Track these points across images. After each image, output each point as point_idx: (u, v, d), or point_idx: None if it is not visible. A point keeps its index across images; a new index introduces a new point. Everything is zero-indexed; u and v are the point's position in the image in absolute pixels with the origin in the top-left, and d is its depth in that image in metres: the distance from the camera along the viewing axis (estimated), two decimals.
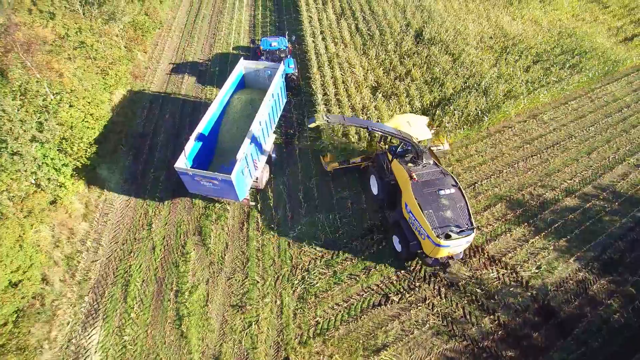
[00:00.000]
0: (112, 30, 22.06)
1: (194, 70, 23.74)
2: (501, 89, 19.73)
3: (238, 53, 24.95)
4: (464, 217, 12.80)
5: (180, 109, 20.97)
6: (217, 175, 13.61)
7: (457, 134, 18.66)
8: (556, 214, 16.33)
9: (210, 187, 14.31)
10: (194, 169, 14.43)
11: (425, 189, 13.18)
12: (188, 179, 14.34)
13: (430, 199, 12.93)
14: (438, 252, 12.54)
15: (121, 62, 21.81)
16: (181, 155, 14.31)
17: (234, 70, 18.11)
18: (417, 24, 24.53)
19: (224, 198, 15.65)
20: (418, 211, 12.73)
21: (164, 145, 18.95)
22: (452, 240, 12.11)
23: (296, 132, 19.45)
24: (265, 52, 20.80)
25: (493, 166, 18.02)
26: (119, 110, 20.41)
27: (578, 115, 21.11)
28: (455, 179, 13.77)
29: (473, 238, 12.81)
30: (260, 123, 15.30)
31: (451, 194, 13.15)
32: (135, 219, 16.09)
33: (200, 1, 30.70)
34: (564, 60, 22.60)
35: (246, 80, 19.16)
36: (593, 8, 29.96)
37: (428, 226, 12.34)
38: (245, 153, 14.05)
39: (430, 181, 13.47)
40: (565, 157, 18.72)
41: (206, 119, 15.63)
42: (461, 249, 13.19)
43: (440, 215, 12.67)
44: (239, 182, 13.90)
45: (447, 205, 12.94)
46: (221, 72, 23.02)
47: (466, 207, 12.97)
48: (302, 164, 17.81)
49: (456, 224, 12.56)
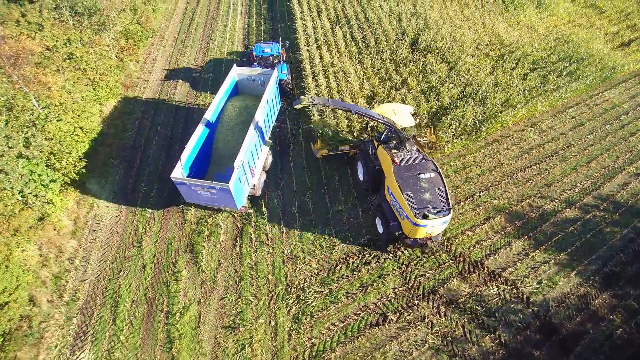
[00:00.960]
0: (102, 40, 21.69)
1: (187, 78, 23.39)
2: (498, 98, 19.45)
3: (233, 58, 24.68)
4: (442, 199, 13.46)
5: (172, 120, 20.58)
6: (214, 184, 13.45)
7: (454, 144, 18.34)
8: (556, 226, 16.01)
9: (207, 197, 14.14)
10: (190, 178, 14.23)
11: (406, 173, 13.87)
12: (185, 189, 14.15)
13: (411, 182, 13.65)
14: (416, 232, 13.13)
15: (112, 73, 21.43)
16: (177, 165, 14.07)
17: (227, 77, 17.96)
18: (412, 31, 24.28)
19: (221, 207, 15.40)
20: (398, 193, 13.40)
21: (156, 158, 18.53)
22: (429, 220, 12.75)
23: (291, 143, 19.08)
24: (258, 58, 20.69)
25: (491, 177, 17.71)
26: (109, 122, 20.03)
27: (576, 123, 20.86)
28: (435, 164, 14.32)
29: (450, 219, 13.34)
30: (256, 130, 15.19)
31: (431, 177, 13.81)
32: (125, 235, 15.64)
33: (194, 9, 30.40)
34: (561, 68, 22.38)
35: (239, 87, 19.05)
36: (589, 13, 29.84)
37: (407, 206, 12.96)
38: (242, 161, 13.87)
39: (412, 165, 14.13)
40: (564, 167, 18.43)
41: (201, 127, 15.47)
42: (439, 230, 13.66)
43: (419, 196, 13.34)
44: (237, 191, 13.78)
45: (426, 187, 13.61)
46: (214, 80, 22.67)
47: (444, 190, 13.63)
48: (297, 176, 17.44)
49: (434, 205, 13.20)
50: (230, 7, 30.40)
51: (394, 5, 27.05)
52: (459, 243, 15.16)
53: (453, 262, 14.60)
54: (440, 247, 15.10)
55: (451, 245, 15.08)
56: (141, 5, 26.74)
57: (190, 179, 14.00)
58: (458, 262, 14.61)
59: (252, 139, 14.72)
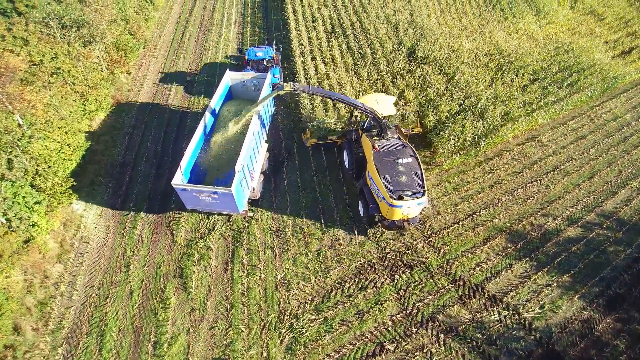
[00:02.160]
0: (92, 52, 21.14)
1: (179, 90, 22.87)
2: (498, 111, 18.95)
3: (228, 62, 24.18)
4: (418, 182, 14.15)
5: (163, 134, 20.03)
6: (217, 189, 13.43)
7: (453, 160, 17.84)
8: (559, 245, 15.50)
9: (209, 202, 14.12)
10: (191, 184, 14.23)
11: (385, 158, 14.55)
12: (186, 195, 14.11)
13: (389, 166, 14.34)
14: (393, 213, 13.83)
15: (102, 86, 20.88)
16: (177, 172, 14.03)
17: (221, 82, 17.96)
18: (409, 41, 23.79)
19: (223, 212, 15.33)
20: (376, 176, 14.13)
21: (145, 175, 17.98)
22: (404, 201, 13.50)
23: (285, 159, 18.54)
24: (250, 61, 20.68)
25: (491, 194, 17.19)
26: (98, 138, 19.50)
27: (578, 135, 20.38)
28: (414, 150, 15.07)
29: (425, 202, 14.06)
30: (254, 133, 15.24)
31: (408, 162, 14.49)
32: (113, 259, 15.08)
33: (187, 18, 29.88)
34: (561, 79, 21.91)
35: (233, 92, 19.10)
36: (588, 20, 29.42)
37: (384, 189, 13.73)
38: (242, 164, 13.90)
39: (391, 151, 14.81)
40: (566, 183, 17.93)
41: (198, 133, 15.47)
42: (415, 213, 14.30)
43: (395, 179, 14.05)
44: (239, 194, 13.86)
45: (403, 171, 14.29)
46: (207, 92, 22.16)
47: (420, 174, 14.30)
48: (291, 195, 16.90)
49: (410, 188, 13.92)
50: (225, 16, 29.89)
51: (390, 15, 26.57)
52: (459, 266, 14.63)
53: (453, 286, 14.07)
54: (419, 228, 15.69)
55: (451, 267, 14.55)
56: (133, 15, 26.22)
57: (192, 185, 13.97)
58: (458, 286, 14.08)
59: (250, 143, 14.76)
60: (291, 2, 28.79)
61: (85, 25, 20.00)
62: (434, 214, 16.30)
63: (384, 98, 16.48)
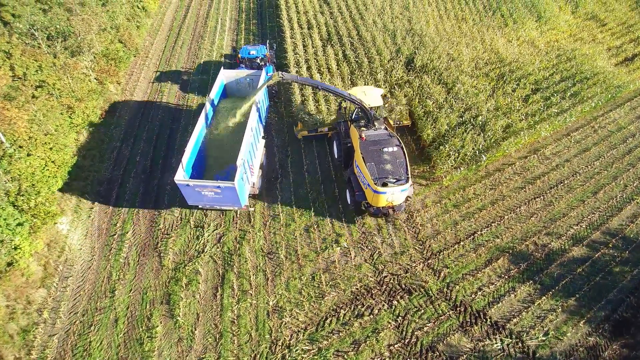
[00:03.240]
0: (80, 63, 20.43)
1: (171, 99, 22.19)
2: (500, 124, 18.30)
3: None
4: (402, 170, 14.59)
5: (152, 149, 19.34)
6: (219, 184, 13.57)
7: (453, 176, 17.19)
8: (563, 267, 14.86)
9: (211, 197, 14.21)
10: (194, 179, 14.36)
11: (371, 147, 15.06)
12: (188, 190, 14.11)
13: (374, 155, 14.83)
14: (377, 199, 14.20)
15: (90, 98, 20.17)
16: (179, 168, 14.08)
17: (216, 81, 18.08)
18: (407, 50, 23.11)
19: (224, 207, 15.34)
20: (362, 164, 14.58)
21: (133, 193, 17.30)
22: (388, 188, 13.90)
23: (279, 175, 17.87)
24: (244, 60, 20.79)
25: (493, 212, 16.55)
26: (85, 153, 18.81)
27: (581, 148, 19.73)
28: (399, 140, 15.59)
29: (409, 189, 14.58)
30: (252, 129, 15.46)
31: (393, 151, 14.98)
32: (98, 283, 14.40)
33: (180, 25, 29.17)
34: (564, 88, 21.26)
35: (228, 90, 19.20)
36: (590, 26, 28.77)
37: (369, 176, 14.17)
38: (243, 159, 14.07)
39: (377, 141, 15.32)
40: (570, 199, 17.29)
41: (196, 131, 15.49)
42: (400, 200, 14.61)
43: (380, 167, 14.52)
44: (241, 188, 14.02)
45: (388, 160, 14.76)
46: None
47: (405, 162, 14.77)
48: (285, 215, 16.23)
49: (394, 176, 14.37)
50: (219, 22, 29.19)
51: (388, 22, 25.87)
52: (460, 290, 13.98)
53: (453, 313, 13.42)
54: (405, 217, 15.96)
55: (451, 292, 13.90)
56: (124, 22, 25.51)
57: (194, 180, 14.04)
58: (459, 312, 13.43)
59: (249, 138, 14.92)
60: (286, 9, 28.10)
61: (72, 36, 19.28)
62: (434, 233, 15.66)
63: (372, 90, 16.90)
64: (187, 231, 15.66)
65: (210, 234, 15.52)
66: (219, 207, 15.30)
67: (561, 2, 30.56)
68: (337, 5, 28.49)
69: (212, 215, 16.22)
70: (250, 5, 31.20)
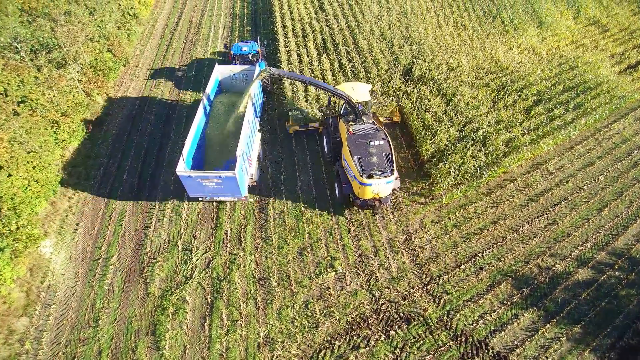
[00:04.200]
0: (66, 75, 19.69)
1: (161, 113, 21.47)
2: (501, 138, 17.63)
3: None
4: (388, 162, 14.85)
5: (141, 164, 18.61)
6: (220, 174, 13.92)
7: (453, 194, 16.52)
8: (568, 291, 14.21)
9: (212, 188, 14.55)
10: (196, 170, 14.67)
11: (358, 140, 15.36)
12: (190, 182, 14.41)
13: (361, 148, 15.12)
14: (364, 191, 14.52)
15: (77, 111, 19.46)
16: (180, 161, 14.38)
17: (211, 77, 18.36)
18: (405, 59, 22.43)
19: (225, 198, 15.65)
20: (349, 157, 14.96)
21: (120, 213, 16.58)
22: (373, 180, 14.22)
23: (272, 193, 17.18)
24: (236, 56, 21.16)
25: (495, 232, 15.88)
26: (71, 170, 18.11)
27: (585, 162, 19.07)
28: (386, 133, 15.86)
29: (395, 181, 14.87)
30: (249, 122, 15.78)
31: (380, 144, 15.27)
32: (81, 312, 13.70)
33: (172, 32, 28.40)
34: (567, 99, 20.61)
35: (222, 86, 19.51)
36: (592, 32, 28.11)
37: (355, 168, 14.50)
38: (242, 150, 14.48)
39: (364, 135, 15.63)
40: (574, 217, 16.63)
41: (194, 126, 15.77)
42: (386, 192, 14.83)
43: (367, 160, 14.81)
44: (241, 178, 14.44)
45: (374, 152, 15.03)
46: (189, 116, 20.76)
47: (390, 155, 15.04)
48: (277, 237, 15.54)
49: (380, 168, 14.65)
50: (212, 29, 28.45)
51: (385, 29, 25.17)
52: (461, 318, 13.31)
53: (454, 343, 12.74)
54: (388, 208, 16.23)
55: (451, 320, 13.23)
56: (114, 31, 24.76)
57: (196, 171, 14.34)
58: (459, 342, 12.76)
59: (246, 131, 15.23)
60: (281, 15, 27.40)
61: (57, 48, 18.53)
62: (433, 256, 14.99)
63: (360, 86, 17.29)
64: (175, 255, 14.96)
65: (198, 258, 14.82)
66: (219, 198, 15.63)
67: (562, 7, 29.93)
68: (334, 12, 27.81)
69: (202, 237, 15.53)
70: (244, 12, 30.48)
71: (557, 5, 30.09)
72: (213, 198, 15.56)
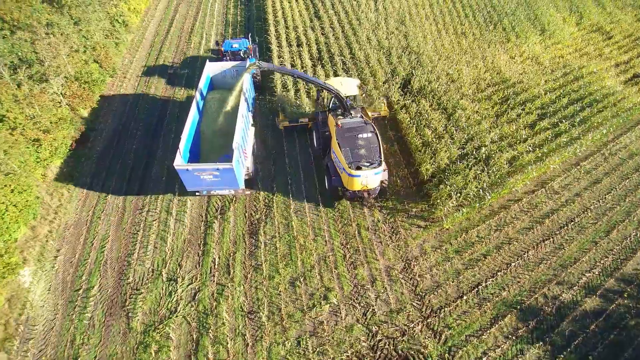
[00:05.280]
0: (49, 89, 18.77)
1: (149, 127, 20.59)
2: (505, 157, 16.80)
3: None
4: (376, 154, 15.19)
5: (126, 185, 17.74)
6: (218, 166, 14.13)
7: (454, 218, 15.69)
8: (576, 323, 13.38)
9: (210, 181, 14.76)
10: (193, 164, 14.74)
11: (347, 134, 15.73)
12: (187, 175, 14.57)
13: (349, 140, 15.50)
14: (352, 183, 14.81)
15: (60, 128, 18.55)
16: (177, 155, 14.48)
17: (202, 74, 18.41)
18: (404, 70, 21.56)
19: (222, 191, 15.87)
20: (338, 149, 15.26)
21: (102, 239, 15.70)
22: (362, 171, 14.53)
23: (263, 216, 16.32)
24: (227, 53, 21.20)
25: (499, 258, 15.05)
26: (53, 191, 17.24)
27: (592, 179, 18.23)
28: (374, 126, 16.23)
29: (382, 172, 15.14)
30: (243, 116, 16.01)
31: (368, 137, 15.63)
32: (60, 348, 12.85)
33: (162, 41, 27.42)
34: (573, 113, 19.78)
35: (214, 82, 19.51)
36: (596, 39, 27.26)
37: (344, 160, 14.82)
38: (238, 142, 14.70)
39: (353, 128, 16.00)
40: (581, 240, 15.80)
41: (189, 122, 15.93)
42: (374, 183, 15.09)
43: (355, 152, 15.18)
44: (238, 170, 14.63)
45: (362, 145, 15.39)
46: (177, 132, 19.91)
47: (378, 147, 15.38)
48: (268, 265, 14.67)
49: (368, 160, 15.02)
50: (204, 37, 27.50)
51: (383, 38, 24.28)
52: (463, 355, 12.48)
53: None
54: None
55: (453, 358, 12.40)
56: (101, 40, 23.82)
57: (193, 165, 14.46)
58: None
59: (241, 124, 15.48)
60: (274, 23, 26.50)
61: (37, 62, 17.60)
62: (434, 286, 14.15)
63: (348, 80, 17.78)
64: (159, 285, 14.10)
65: (184, 289, 13.96)
66: (218, 191, 15.86)
67: (565, 13, 29.09)
68: (329, 19, 26.88)
69: (188, 265, 14.67)
70: (237, 19, 29.54)
71: (559, 11, 29.26)
72: (210, 192, 15.83)
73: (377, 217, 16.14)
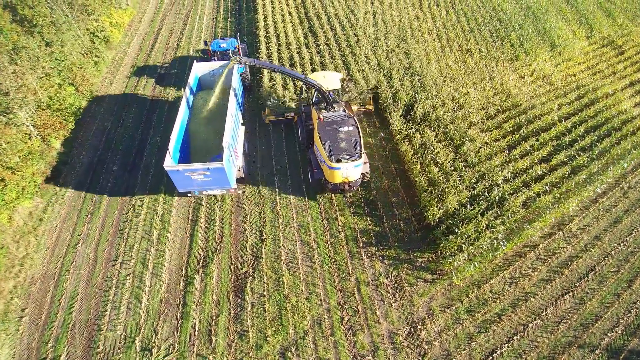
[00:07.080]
0: (16, 121, 16.99)
1: (127, 158, 18.86)
2: (520, 199, 15.22)
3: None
4: (356, 147, 15.31)
5: (100, 230, 16.02)
6: (208, 165, 13.97)
7: (465, 272, 14.07)
8: None
9: (201, 181, 14.64)
10: (183, 164, 14.49)
11: (329, 127, 15.84)
12: (178, 176, 14.43)
13: (331, 134, 15.60)
14: (333, 175, 14.96)
15: (28, 163, 16.82)
16: (167, 156, 14.25)
17: (190, 74, 18.30)
18: (406, 95, 19.86)
19: (214, 191, 15.70)
20: (319, 143, 15.36)
21: (72, 296, 14.01)
22: (342, 163, 14.66)
23: (252, 268, 14.64)
24: (216, 52, 20.98)
25: (515, 318, 13.46)
26: (19, 239, 15.54)
27: (612, 218, 16.65)
28: (355, 120, 16.35)
29: (363, 164, 15.37)
30: (232, 115, 15.83)
31: (349, 130, 15.77)
32: None
33: (146, 58, 25.55)
34: (590, 143, 18.20)
35: (202, 83, 19.43)
36: (608, 54, 25.65)
37: (324, 153, 14.92)
38: (228, 142, 14.52)
39: (335, 122, 16.11)
40: (603, 293, 14.23)
41: (178, 122, 15.74)
42: (355, 176, 15.23)
43: (336, 145, 15.28)
44: (229, 169, 14.54)
45: (343, 138, 15.50)
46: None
47: (359, 140, 15.49)
48: (255, 331, 12.97)
49: (348, 153, 15.12)
50: (190, 54, 25.64)
51: (383, 58, 22.52)
52: None
53: None
54: None
55: None
56: (78, 60, 21.96)
57: (184, 165, 14.27)
58: None
59: (230, 124, 15.29)
60: (266, 41, 24.64)
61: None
62: (443, 355, 12.55)
63: (332, 74, 17.73)
64: (131, 356, 12.43)
65: None
66: (209, 191, 15.64)
67: (574, 26, 27.44)
68: (325, 36, 25.05)
69: (164, 332, 12.99)
70: (227, 32, 27.66)
71: (569, 23, 27.60)
72: (202, 192, 15.61)
73: (378, 270, 14.52)
